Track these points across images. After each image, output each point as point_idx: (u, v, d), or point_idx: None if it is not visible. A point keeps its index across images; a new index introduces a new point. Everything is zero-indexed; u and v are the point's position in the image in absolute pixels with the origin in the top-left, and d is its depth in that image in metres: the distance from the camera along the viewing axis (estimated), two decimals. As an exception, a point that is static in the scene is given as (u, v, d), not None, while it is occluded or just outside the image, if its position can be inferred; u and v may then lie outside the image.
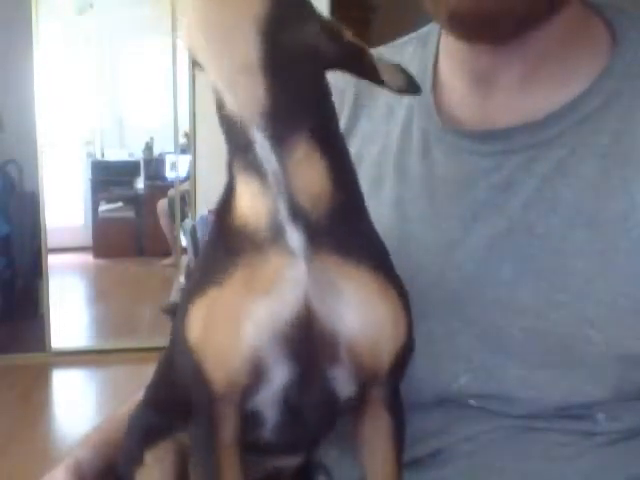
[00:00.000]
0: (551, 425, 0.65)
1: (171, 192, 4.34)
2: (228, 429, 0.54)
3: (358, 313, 0.53)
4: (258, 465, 0.65)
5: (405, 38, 0.83)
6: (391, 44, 0.85)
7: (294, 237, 0.51)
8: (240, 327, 0.51)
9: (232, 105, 0.51)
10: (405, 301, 0.56)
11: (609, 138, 0.65)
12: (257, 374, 0.52)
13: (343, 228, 0.53)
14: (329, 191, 0.53)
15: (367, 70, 0.55)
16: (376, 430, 0.59)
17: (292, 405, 0.54)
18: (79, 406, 3.29)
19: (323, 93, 0.55)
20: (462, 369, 0.67)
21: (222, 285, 0.52)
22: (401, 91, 0.56)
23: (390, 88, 0.56)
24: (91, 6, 4.13)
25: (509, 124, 0.68)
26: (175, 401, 0.66)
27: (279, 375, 0.53)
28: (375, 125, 0.79)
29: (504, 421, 0.66)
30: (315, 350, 0.53)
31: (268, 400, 0.54)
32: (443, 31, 0.75)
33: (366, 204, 0.57)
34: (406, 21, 1.46)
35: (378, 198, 0.72)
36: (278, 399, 0.54)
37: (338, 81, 0.59)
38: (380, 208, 0.60)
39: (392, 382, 0.58)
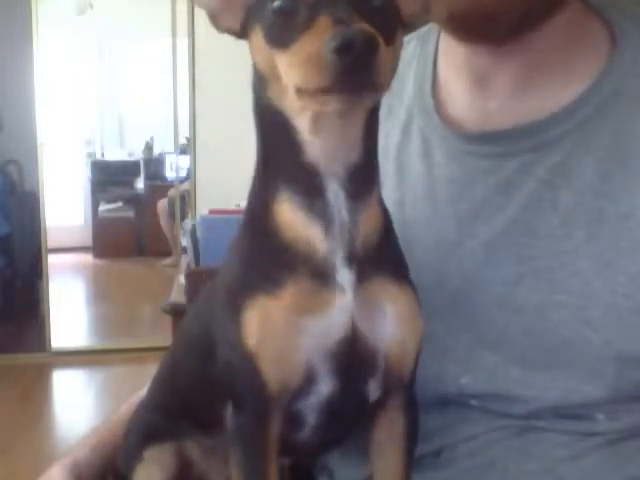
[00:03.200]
0: (551, 425, 0.65)
1: (171, 192, 4.34)
2: (274, 427, 0.57)
3: (397, 327, 0.57)
4: None
5: (407, 36, 0.83)
6: None
7: (345, 276, 0.54)
8: (295, 340, 0.55)
9: (316, 158, 0.53)
10: (419, 301, 0.59)
11: (609, 139, 0.65)
12: (307, 382, 0.56)
13: (384, 255, 0.57)
14: (380, 231, 0.56)
15: None
16: (390, 434, 0.62)
17: (330, 410, 0.58)
18: (79, 406, 3.29)
19: None
20: (462, 369, 0.67)
21: (275, 296, 0.54)
22: None
23: None
24: (91, 6, 4.14)
25: (508, 126, 0.68)
26: (187, 409, 0.68)
27: (325, 385, 0.57)
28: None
29: (504, 421, 0.66)
30: (358, 365, 0.57)
31: (311, 405, 0.58)
32: (442, 32, 0.75)
33: None
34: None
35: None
36: (320, 405, 0.58)
37: None
38: None
39: (409, 384, 0.61)
